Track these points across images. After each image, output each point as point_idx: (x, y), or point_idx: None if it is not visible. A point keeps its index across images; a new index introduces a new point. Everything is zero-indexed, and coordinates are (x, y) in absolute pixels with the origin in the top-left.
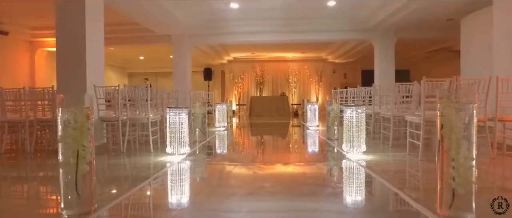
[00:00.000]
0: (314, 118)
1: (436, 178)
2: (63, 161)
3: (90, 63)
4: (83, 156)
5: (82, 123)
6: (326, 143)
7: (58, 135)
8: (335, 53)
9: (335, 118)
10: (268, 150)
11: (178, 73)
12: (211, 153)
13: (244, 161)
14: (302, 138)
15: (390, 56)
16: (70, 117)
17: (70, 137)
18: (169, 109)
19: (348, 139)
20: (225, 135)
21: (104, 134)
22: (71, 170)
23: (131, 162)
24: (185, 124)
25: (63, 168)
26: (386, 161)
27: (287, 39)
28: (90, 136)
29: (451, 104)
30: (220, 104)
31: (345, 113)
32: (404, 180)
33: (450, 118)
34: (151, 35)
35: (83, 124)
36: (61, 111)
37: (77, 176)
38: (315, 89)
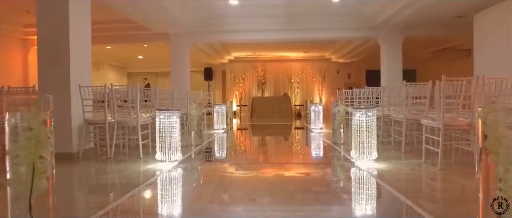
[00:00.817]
0: (318, 120)
1: (459, 189)
2: (12, 178)
3: (74, 61)
4: (42, 170)
5: (39, 130)
6: (331, 148)
7: (6, 146)
8: (339, 52)
9: (341, 120)
10: (268, 156)
11: (176, 73)
12: (206, 160)
13: (242, 169)
14: (306, 142)
15: (397, 55)
16: (24, 123)
17: (23, 148)
18: (159, 111)
19: (357, 145)
20: (224, 138)
21: (92, 137)
22: (24, 188)
23: (116, 170)
24: (176, 128)
25: (12, 187)
26: (401, 170)
27: (289, 38)
28: (50, 145)
29: (497, 110)
30: (219, 105)
31: (353, 116)
32: (424, 193)
33: (496, 127)
34: (148, 33)
35: (40, 131)
36: (9, 117)
37: (32, 195)
38: (318, 90)
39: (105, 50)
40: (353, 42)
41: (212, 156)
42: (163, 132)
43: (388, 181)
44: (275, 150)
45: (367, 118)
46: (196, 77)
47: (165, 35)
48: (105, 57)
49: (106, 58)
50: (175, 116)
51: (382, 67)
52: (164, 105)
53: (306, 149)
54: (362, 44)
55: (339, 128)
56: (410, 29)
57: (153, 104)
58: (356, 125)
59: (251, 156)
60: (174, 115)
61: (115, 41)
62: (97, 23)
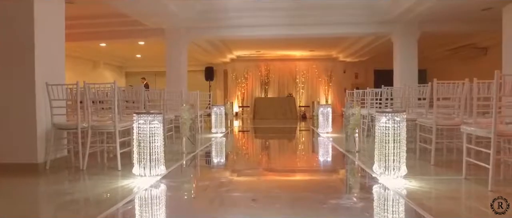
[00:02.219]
0: (327, 123)
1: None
2: None
3: (41, 56)
4: None
5: None
6: (345, 158)
7: None
8: (347, 51)
9: (356, 125)
10: (271, 166)
11: (173, 72)
12: (197, 173)
13: (239, 186)
14: (313, 148)
15: (413, 53)
16: None
17: None
18: (137, 115)
19: (382, 157)
20: (222, 143)
21: (65, 145)
22: None
23: (83, 187)
24: (158, 135)
25: None
26: (440, 191)
27: (295, 33)
28: None
29: None
30: (217, 106)
31: (378, 121)
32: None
33: None
34: (142, 28)
35: None
36: None
37: None
38: (324, 90)
39: (100, 48)
40: (364, 39)
41: (205, 168)
42: (143, 140)
43: (427, 206)
44: (279, 158)
45: (395, 124)
46: (196, 77)
47: (161, 31)
48: (100, 55)
49: (101, 56)
50: (156, 120)
51: (395, 66)
52: (157, 108)
53: (315, 159)
54: (374, 41)
55: (353, 133)
56: (427, 24)
57: (139, 106)
58: (381, 132)
59: (250, 167)
60: (156, 119)
61: (107, 37)
62: (86, 18)
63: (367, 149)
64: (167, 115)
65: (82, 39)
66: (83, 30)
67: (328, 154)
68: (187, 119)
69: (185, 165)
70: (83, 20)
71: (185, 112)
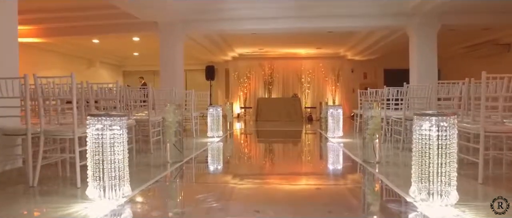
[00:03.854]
0: (337, 126)
1: None
2: None
3: None
4: None
5: None
6: (363, 170)
7: None
8: (356, 48)
9: (375, 129)
10: (272, 184)
11: (167, 69)
12: (175, 193)
13: (230, 212)
14: (323, 157)
15: (432, 49)
16: None
17: None
18: (91, 117)
19: (423, 177)
20: (216, 150)
21: (19, 154)
22: None
23: (19, 213)
24: (121, 145)
25: None
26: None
27: (301, 27)
28: None
29: None
30: (214, 107)
31: (417, 128)
32: None
33: None
34: (134, 22)
35: None
36: None
37: None
38: (331, 91)
39: (93, 45)
40: (376, 34)
41: (188, 185)
42: (97, 151)
43: None
44: (282, 168)
45: (441, 131)
46: (196, 76)
47: (154, 25)
48: (95, 53)
49: (96, 54)
50: (118, 125)
51: (412, 64)
52: (144, 109)
53: (325, 172)
54: (386, 36)
55: (372, 139)
56: (448, 16)
57: (122, 107)
58: (421, 143)
59: (249, 181)
60: (117, 123)
61: (97, 32)
62: (74, 10)
63: (388, 159)
64: (155, 116)
65: (70, 33)
66: (70, 24)
67: (342, 165)
68: (172, 122)
69: (166, 180)
70: (70, 13)
71: (170, 113)
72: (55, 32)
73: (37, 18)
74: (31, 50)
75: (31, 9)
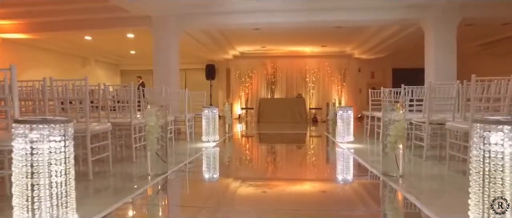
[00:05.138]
0: (348, 130)
1: None
2: None
3: None
4: None
5: None
6: (385, 187)
7: None
8: (364, 46)
9: (399, 136)
10: (274, 205)
11: (161, 67)
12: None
13: None
14: (334, 168)
15: (451, 44)
16: None
17: None
18: (17, 124)
19: (490, 207)
20: (210, 158)
21: None
22: None
23: None
24: (60, 163)
25: None
26: None
27: (306, 21)
28: None
29: None
30: (208, 108)
31: (478, 140)
32: None
33: None
34: (125, 16)
35: None
36: None
37: None
38: (337, 91)
39: (86, 42)
40: (387, 29)
41: (167, 209)
42: (31, 173)
43: None
44: (287, 187)
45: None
46: (196, 75)
47: (147, 19)
48: (89, 51)
49: (91, 52)
50: (58, 135)
51: (428, 62)
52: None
53: (339, 190)
54: (399, 31)
55: (394, 149)
56: (469, 9)
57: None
58: (488, 163)
59: (245, 203)
60: (57, 133)
61: (88, 27)
62: (62, 3)
63: (412, 171)
64: (136, 118)
65: (59, 29)
66: (58, 18)
67: (358, 180)
68: (154, 126)
69: (140, 200)
70: (57, 6)
71: (151, 116)
72: (42, 27)
73: (22, 11)
74: (17, 47)
75: (15, 2)
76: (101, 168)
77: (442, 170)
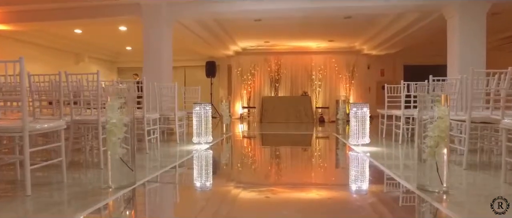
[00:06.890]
0: (363, 131)
1: None
2: None
3: None
4: None
5: None
6: (426, 208)
7: None
8: (374, 40)
9: (442, 138)
10: None
11: (152, 61)
12: None
13: None
14: (351, 180)
15: (479, 34)
16: None
17: None
18: None
19: None
20: (196, 164)
21: None
22: None
23: None
24: None
25: None
26: None
27: (314, 8)
28: None
29: None
30: (200, 105)
31: None
32: None
33: None
34: (113, 3)
35: None
36: None
37: None
38: (345, 89)
39: (76, 36)
40: (404, 18)
41: None
42: None
43: None
44: (294, 206)
45: None
46: (196, 73)
47: (137, 7)
48: (81, 46)
49: (83, 48)
50: None
51: (451, 54)
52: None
53: (366, 209)
54: (416, 21)
55: (434, 155)
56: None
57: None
58: None
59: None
60: None
61: (73, 17)
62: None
63: (459, 185)
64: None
65: (44, 18)
66: (41, 6)
67: (385, 197)
68: (117, 125)
69: None
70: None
71: (113, 111)
72: (23, 16)
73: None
74: None
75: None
76: (51, 178)
77: (497, 183)
